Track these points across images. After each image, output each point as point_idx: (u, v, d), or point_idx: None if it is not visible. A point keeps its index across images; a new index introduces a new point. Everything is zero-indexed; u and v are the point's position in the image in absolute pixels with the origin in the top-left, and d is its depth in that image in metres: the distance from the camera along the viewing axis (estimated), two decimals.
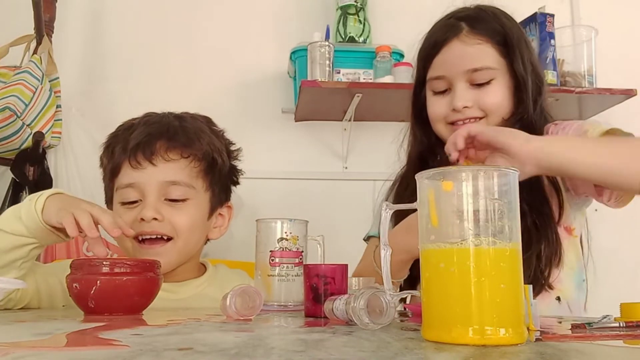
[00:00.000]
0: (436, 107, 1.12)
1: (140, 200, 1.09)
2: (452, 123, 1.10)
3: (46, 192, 0.92)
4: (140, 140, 1.08)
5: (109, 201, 1.16)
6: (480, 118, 1.08)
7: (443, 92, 1.11)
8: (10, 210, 0.93)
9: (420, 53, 1.15)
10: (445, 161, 1.17)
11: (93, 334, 0.59)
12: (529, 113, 1.07)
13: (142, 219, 1.06)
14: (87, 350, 0.49)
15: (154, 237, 1.08)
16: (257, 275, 0.95)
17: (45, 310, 0.96)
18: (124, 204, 1.10)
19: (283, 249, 0.94)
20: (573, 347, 0.52)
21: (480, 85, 1.07)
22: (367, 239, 1.28)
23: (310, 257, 0.98)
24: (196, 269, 1.20)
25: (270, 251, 0.94)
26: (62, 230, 0.90)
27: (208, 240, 1.21)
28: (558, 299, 1.04)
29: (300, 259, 0.95)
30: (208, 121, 1.21)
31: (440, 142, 1.12)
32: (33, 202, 0.90)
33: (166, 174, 1.09)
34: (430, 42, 1.12)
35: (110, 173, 1.13)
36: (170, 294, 1.10)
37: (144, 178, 1.08)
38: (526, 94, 1.07)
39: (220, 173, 1.17)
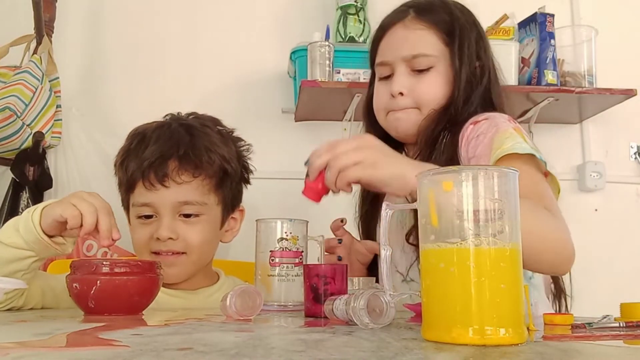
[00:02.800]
0: (379, 94, 1.10)
1: (156, 215, 1.11)
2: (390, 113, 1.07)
3: (43, 204, 0.92)
4: (152, 160, 1.09)
5: (127, 208, 1.17)
6: (414, 109, 1.05)
7: (387, 79, 1.08)
8: (11, 222, 0.93)
9: (371, 40, 1.14)
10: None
11: (93, 334, 0.59)
12: (456, 107, 1.02)
13: (158, 238, 1.09)
14: (87, 350, 0.49)
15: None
16: (257, 275, 0.96)
17: (46, 310, 0.96)
18: (139, 217, 1.13)
19: (283, 249, 0.95)
20: (573, 347, 0.52)
21: (420, 72, 1.04)
22: None
23: (310, 257, 0.98)
24: (209, 276, 1.21)
25: (270, 251, 0.94)
26: (59, 244, 0.91)
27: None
28: None
29: (300, 259, 0.95)
30: (217, 124, 1.20)
31: (389, 138, 1.09)
32: (30, 214, 0.90)
33: (178, 195, 1.10)
34: (378, 27, 1.12)
35: (126, 187, 1.14)
36: (183, 300, 1.12)
37: (158, 199, 1.10)
38: (456, 86, 1.03)
39: (231, 182, 1.17)
